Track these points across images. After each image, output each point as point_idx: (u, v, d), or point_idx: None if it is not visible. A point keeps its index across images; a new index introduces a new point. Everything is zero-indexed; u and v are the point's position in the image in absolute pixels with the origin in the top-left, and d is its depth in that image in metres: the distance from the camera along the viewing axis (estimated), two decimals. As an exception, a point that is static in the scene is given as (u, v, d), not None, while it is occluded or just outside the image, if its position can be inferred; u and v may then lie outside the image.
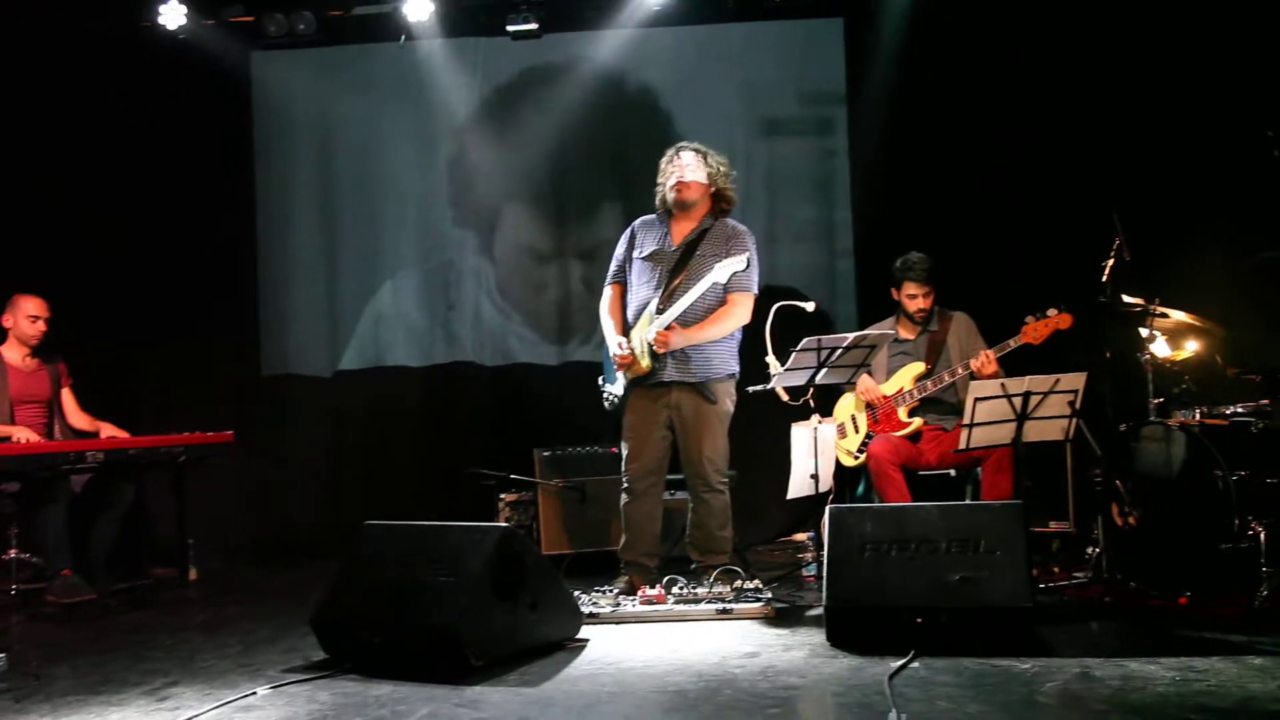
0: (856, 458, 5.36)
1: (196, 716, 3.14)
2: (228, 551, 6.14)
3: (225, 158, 6.92)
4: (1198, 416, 4.75)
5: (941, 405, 5.29)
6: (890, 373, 5.41)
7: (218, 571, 5.79)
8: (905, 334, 5.47)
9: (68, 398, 5.72)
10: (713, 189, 4.84)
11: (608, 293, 5.05)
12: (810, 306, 4.88)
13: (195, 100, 6.76)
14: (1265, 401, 4.74)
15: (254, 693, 3.37)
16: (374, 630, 3.66)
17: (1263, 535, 4.23)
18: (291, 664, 3.77)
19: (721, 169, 4.86)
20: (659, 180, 4.90)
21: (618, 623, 4.27)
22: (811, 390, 4.79)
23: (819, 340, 4.58)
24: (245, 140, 6.98)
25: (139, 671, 3.74)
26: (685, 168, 4.80)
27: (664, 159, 4.91)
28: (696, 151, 4.83)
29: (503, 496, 5.95)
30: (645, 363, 4.72)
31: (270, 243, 6.99)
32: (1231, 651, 3.58)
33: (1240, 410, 4.79)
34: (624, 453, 4.88)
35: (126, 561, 5.66)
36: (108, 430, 5.58)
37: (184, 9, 6.46)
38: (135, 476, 5.58)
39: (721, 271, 4.58)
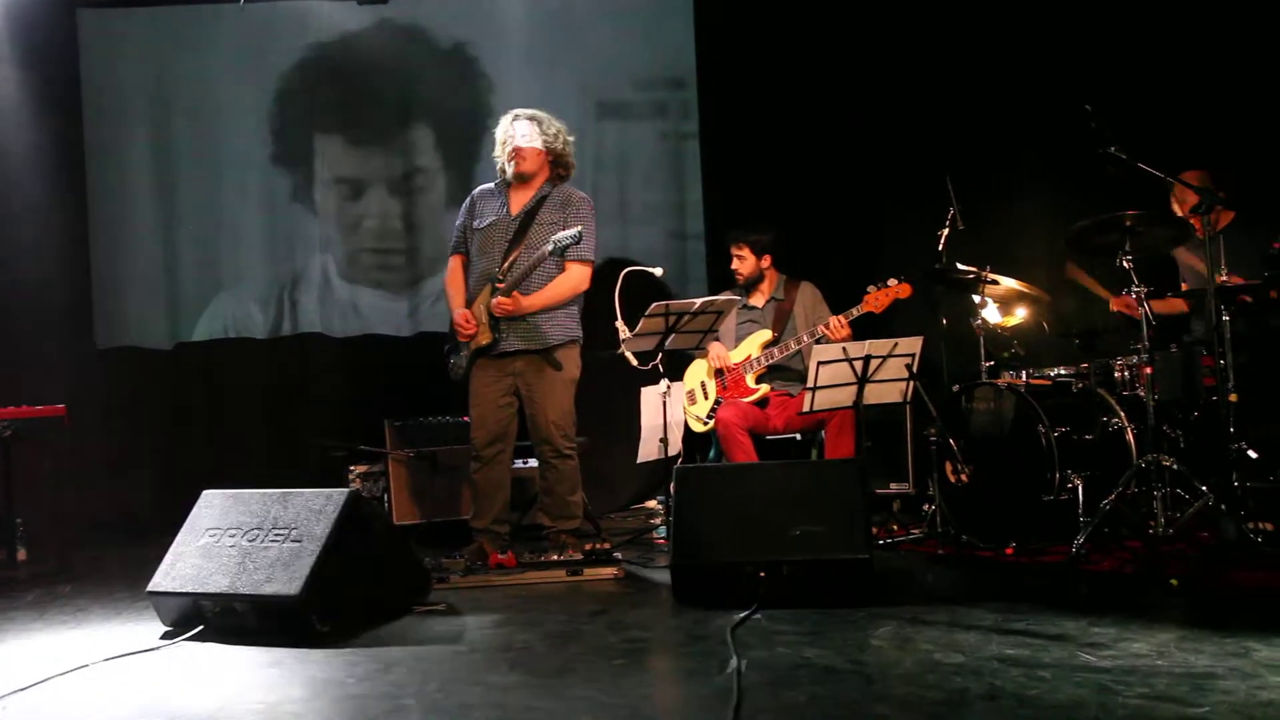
0: (706, 423, 5.46)
1: (21, 690, 3.02)
2: (61, 531, 5.87)
3: (50, 118, 6.55)
4: (1024, 378, 5.01)
5: (788, 372, 5.43)
6: (738, 340, 5.54)
7: (50, 551, 5.54)
8: (754, 302, 5.61)
9: None
10: (550, 156, 4.85)
11: (451, 263, 5.04)
12: (659, 271, 4.95)
13: (16, 56, 6.40)
14: (1085, 365, 5.02)
15: (86, 665, 3.26)
16: (215, 598, 3.58)
17: (1080, 487, 4.50)
18: (128, 637, 3.66)
19: (559, 134, 4.84)
20: (495, 151, 4.89)
21: (468, 587, 4.28)
22: (660, 355, 4.85)
23: (667, 306, 4.64)
24: (73, 100, 6.64)
25: (-41, 652, 3.58)
26: (520, 136, 4.78)
27: (499, 127, 4.88)
28: (531, 119, 4.80)
29: (353, 468, 5.87)
30: (487, 334, 4.73)
31: (102, 209, 6.67)
32: (1050, 594, 3.82)
33: (1063, 372, 5.08)
34: (471, 420, 4.88)
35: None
36: None
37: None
38: (-44, 453, 5.29)
39: (554, 244, 4.59)
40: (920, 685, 2.72)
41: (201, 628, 3.58)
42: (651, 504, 6.56)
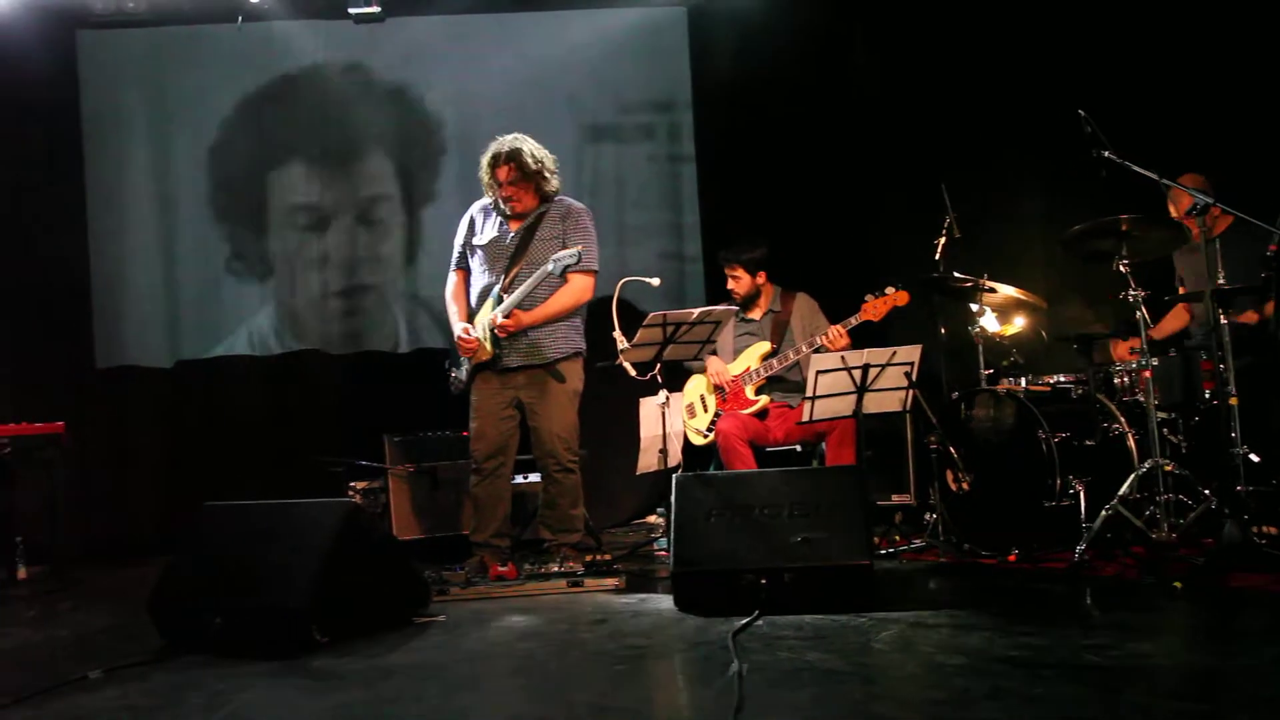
0: (706, 436, 5.45)
1: (22, 700, 3.00)
2: (61, 550, 5.84)
3: (51, 139, 6.58)
4: (1024, 384, 5.00)
5: (787, 383, 5.42)
6: (737, 353, 5.54)
7: (50, 570, 5.53)
8: (751, 315, 5.61)
9: None
10: (537, 183, 4.82)
11: (452, 279, 5.05)
12: (656, 282, 4.94)
13: (16, 78, 6.43)
14: (1083, 375, 5.02)
15: (85, 676, 3.24)
16: (215, 610, 3.56)
17: (1082, 493, 4.48)
18: (127, 650, 3.63)
19: (541, 161, 4.80)
20: (483, 178, 4.87)
21: (469, 599, 4.26)
22: (659, 366, 4.85)
23: (664, 316, 4.64)
24: (73, 122, 6.65)
25: (-41, 666, 3.56)
26: (508, 184, 4.76)
27: (484, 160, 4.84)
28: (511, 158, 4.75)
29: (353, 484, 5.85)
30: (489, 348, 4.73)
31: (103, 228, 6.67)
32: (1054, 599, 3.80)
33: (1062, 378, 5.07)
34: (471, 434, 4.88)
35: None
36: None
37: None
38: (-44, 472, 5.28)
39: (555, 264, 4.60)
40: (923, 685, 2.71)
41: (200, 640, 3.56)
42: (652, 518, 6.54)
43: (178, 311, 6.72)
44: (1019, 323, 5.31)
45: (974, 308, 5.15)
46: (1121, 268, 4.41)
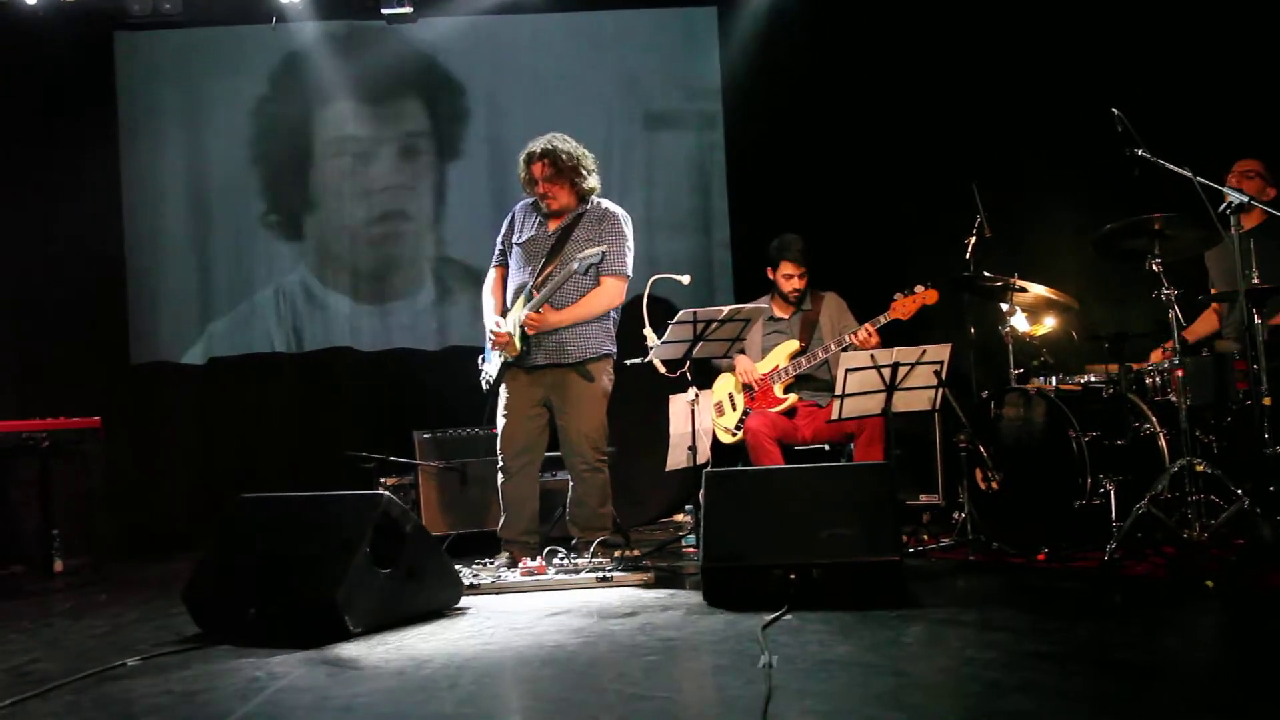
0: (734, 435, 5.46)
1: (62, 685, 3.05)
2: (96, 543, 5.92)
3: (88, 138, 6.69)
4: (1054, 383, 4.99)
5: (815, 382, 5.43)
6: (765, 351, 5.54)
7: (85, 563, 5.60)
8: (779, 313, 5.61)
9: None
10: (573, 181, 4.86)
11: (491, 275, 5.12)
12: (685, 279, 4.95)
13: (54, 79, 6.54)
14: (1114, 374, 4.99)
15: (123, 663, 3.29)
16: (249, 601, 3.61)
17: (1113, 493, 4.46)
18: (162, 640, 3.69)
19: (577, 162, 4.85)
20: (520, 175, 4.93)
21: (499, 593, 4.29)
22: (688, 363, 4.86)
23: (695, 313, 4.65)
24: (109, 121, 6.76)
25: (-1, 653, 3.62)
26: (544, 181, 4.82)
27: (521, 158, 4.91)
28: (545, 156, 4.81)
29: (383, 480, 5.90)
30: (518, 345, 4.77)
31: (138, 227, 6.78)
32: (1084, 598, 3.79)
33: (1093, 378, 5.05)
34: (499, 432, 4.91)
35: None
36: None
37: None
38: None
39: (580, 263, 4.62)
40: (954, 678, 2.71)
41: (235, 629, 3.60)
42: (680, 516, 6.55)
43: (210, 310, 6.80)
44: (1049, 323, 5.29)
45: (1004, 307, 5.14)
46: (1154, 267, 4.39)
